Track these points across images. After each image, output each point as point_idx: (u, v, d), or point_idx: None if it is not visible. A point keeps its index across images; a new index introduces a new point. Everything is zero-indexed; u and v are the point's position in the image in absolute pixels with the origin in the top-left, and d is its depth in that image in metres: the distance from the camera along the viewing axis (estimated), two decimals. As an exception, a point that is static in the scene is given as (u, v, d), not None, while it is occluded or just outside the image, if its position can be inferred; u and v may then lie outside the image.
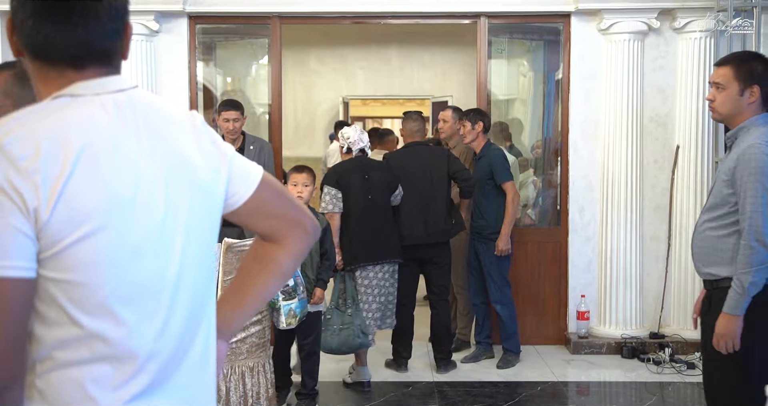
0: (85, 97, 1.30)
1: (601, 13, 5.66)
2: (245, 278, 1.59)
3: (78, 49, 1.30)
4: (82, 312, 1.25)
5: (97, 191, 1.23)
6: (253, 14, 5.88)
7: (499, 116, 6.91)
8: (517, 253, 5.84)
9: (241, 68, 7.38)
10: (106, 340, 1.26)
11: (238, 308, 1.59)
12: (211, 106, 6.55)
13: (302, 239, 1.57)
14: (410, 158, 5.31)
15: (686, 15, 5.59)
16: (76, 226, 1.22)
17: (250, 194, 1.48)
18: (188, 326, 1.39)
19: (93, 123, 1.27)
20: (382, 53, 10.68)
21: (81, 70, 1.31)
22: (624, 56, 5.65)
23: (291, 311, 4.19)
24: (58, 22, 1.28)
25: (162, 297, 1.33)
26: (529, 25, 6.31)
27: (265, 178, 1.51)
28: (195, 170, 1.38)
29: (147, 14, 5.59)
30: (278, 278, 1.60)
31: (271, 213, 1.54)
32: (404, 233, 5.16)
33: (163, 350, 1.33)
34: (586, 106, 5.85)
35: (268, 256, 1.57)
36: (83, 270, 1.24)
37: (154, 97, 1.42)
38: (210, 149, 1.44)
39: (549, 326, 6.01)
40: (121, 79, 1.36)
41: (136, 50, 5.59)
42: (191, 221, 1.37)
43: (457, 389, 5.03)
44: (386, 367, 5.43)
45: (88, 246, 1.23)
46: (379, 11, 5.89)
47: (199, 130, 1.44)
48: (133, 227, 1.27)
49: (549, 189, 6.38)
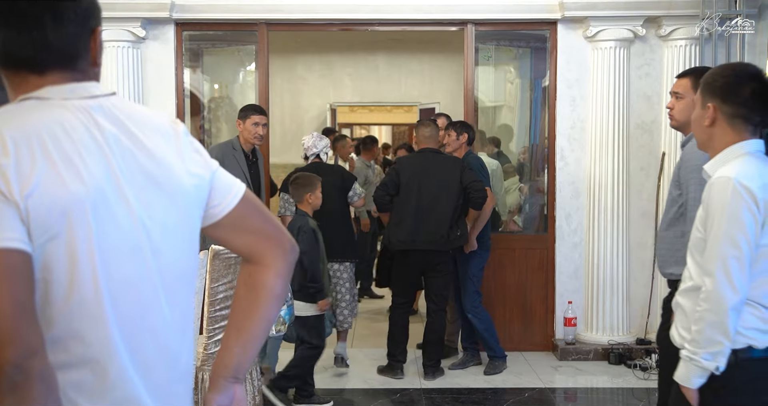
0: (53, 101, 1.31)
1: (587, 21, 5.69)
2: (243, 312, 1.55)
3: (33, 52, 1.31)
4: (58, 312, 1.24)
5: (64, 191, 1.23)
6: (240, 21, 5.88)
7: (486, 123, 6.94)
8: (503, 259, 5.85)
9: (228, 75, 7.37)
10: (84, 341, 1.26)
11: (244, 346, 1.55)
12: (198, 113, 6.54)
13: (284, 257, 1.56)
14: (418, 163, 5.32)
15: (671, 23, 5.63)
16: (46, 226, 1.21)
17: (233, 206, 1.48)
18: (172, 328, 1.39)
19: (60, 124, 1.27)
20: (370, 60, 10.70)
21: (42, 75, 1.32)
22: (610, 63, 5.68)
23: (280, 318, 4.18)
24: (12, 27, 1.29)
25: (140, 297, 1.33)
26: (516, 33, 6.34)
27: (247, 193, 1.52)
28: (173, 175, 1.39)
29: (134, 21, 5.58)
30: (274, 303, 1.56)
31: (252, 229, 1.53)
32: (400, 235, 5.21)
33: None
34: (573, 113, 5.88)
35: (258, 282, 1.54)
36: (55, 269, 1.23)
37: (134, 105, 1.43)
38: (193, 156, 1.45)
39: (536, 333, 6.02)
40: (94, 86, 1.36)
41: (122, 57, 5.58)
42: (167, 224, 1.37)
43: (445, 396, 5.03)
44: (379, 374, 5.42)
45: (58, 245, 1.22)
46: (367, 18, 5.90)
47: (182, 138, 1.45)
48: (103, 227, 1.27)
49: (536, 196, 6.40)
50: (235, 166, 4.93)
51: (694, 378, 2.21)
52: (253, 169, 5.19)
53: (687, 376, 2.23)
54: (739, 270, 2.15)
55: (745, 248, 2.15)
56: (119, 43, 5.57)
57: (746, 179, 2.16)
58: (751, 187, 2.15)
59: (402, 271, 5.40)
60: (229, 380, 1.52)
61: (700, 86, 2.39)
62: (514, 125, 7.02)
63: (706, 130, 2.35)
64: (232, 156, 5.02)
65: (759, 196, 2.15)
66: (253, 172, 5.18)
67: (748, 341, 2.20)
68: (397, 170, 5.34)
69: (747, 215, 2.15)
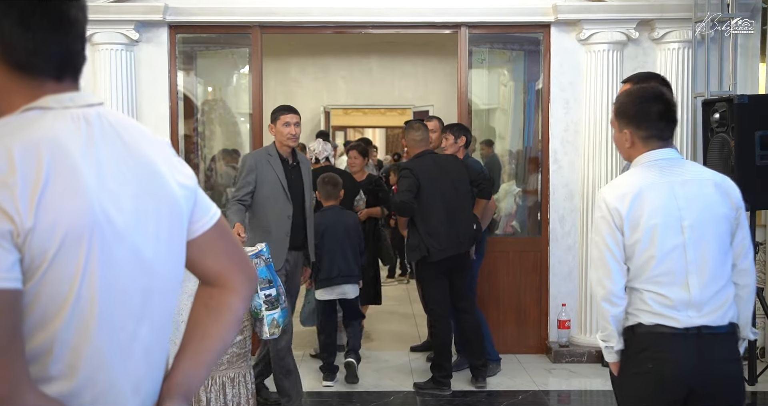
0: (56, 111, 1.29)
1: (580, 24, 5.71)
2: (201, 333, 1.50)
3: (63, 59, 1.30)
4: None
5: (70, 204, 1.22)
6: (234, 24, 5.88)
7: (480, 126, 6.95)
8: (498, 262, 5.86)
9: (222, 78, 7.36)
10: (74, 353, 1.25)
11: (198, 365, 1.49)
12: (191, 116, 6.53)
13: (249, 283, 1.55)
14: (431, 166, 5.21)
15: (665, 26, 5.65)
16: (49, 242, 1.20)
17: (211, 225, 1.48)
18: (158, 340, 1.39)
19: (65, 137, 1.26)
20: (364, 63, 10.71)
21: (60, 82, 1.31)
22: (603, 66, 5.69)
23: (274, 320, 4.17)
24: (48, 29, 1.26)
25: (131, 309, 1.33)
26: (510, 35, 6.35)
27: (222, 216, 1.52)
28: (166, 185, 1.38)
29: (127, 24, 5.57)
30: (234, 327, 1.54)
31: (224, 251, 1.52)
32: (438, 244, 5.05)
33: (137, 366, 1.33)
34: (566, 115, 5.89)
35: (223, 304, 1.51)
36: (53, 284, 1.22)
37: (121, 115, 1.42)
38: (180, 168, 1.45)
39: (530, 335, 6.03)
40: (88, 95, 1.35)
41: (116, 60, 5.58)
42: (160, 235, 1.37)
43: (439, 399, 5.02)
44: (421, 389, 5.17)
45: (59, 261, 1.21)
46: (361, 21, 5.90)
47: (168, 149, 1.45)
48: (105, 242, 1.26)
49: (529, 198, 6.41)
50: (270, 173, 4.73)
51: (606, 355, 2.73)
52: (294, 174, 4.86)
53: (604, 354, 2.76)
54: (597, 268, 2.68)
55: (602, 250, 2.64)
56: (113, 46, 5.57)
57: (610, 190, 2.68)
58: (608, 198, 2.63)
59: (438, 282, 5.18)
60: (180, 400, 1.46)
61: (615, 113, 2.76)
62: (507, 128, 7.04)
63: (627, 150, 2.74)
64: (267, 162, 4.75)
65: (612, 204, 2.61)
66: (294, 177, 4.84)
67: (636, 318, 2.63)
68: (414, 174, 5.12)
69: (602, 222, 2.63)
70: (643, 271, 2.60)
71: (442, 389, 5.13)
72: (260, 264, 4.19)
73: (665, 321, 2.57)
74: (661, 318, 2.58)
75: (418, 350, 6.10)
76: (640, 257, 2.60)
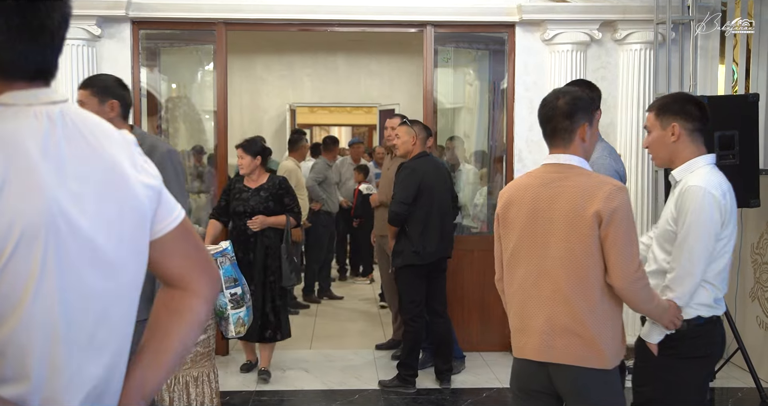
0: (18, 107, 1.27)
1: (544, 24, 5.76)
2: (160, 333, 1.48)
3: (41, 66, 1.30)
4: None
5: (27, 204, 1.20)
6: (199, 20, 5.83)
7: (445, 125, 6.98)
8: (462, 261, 5.88)
9: (186, 74, 7.29)
10: (31, 355, 1.23)
11: (158, 367, 1.47)
12: (155, 113, 6.46)
13: (212, 286, 1.54)
14: (431, 170, 5.24)
15: (627, 27, 5.72)
16: (9, 239, 1.18)
17: (174, 226, 1.46)
18: (117, 342, 1.37)
19: (25, 135, 1.24)
20: (330, 61, 10.69)
21: (31, 82, 1.30)
22: (567, 66, 5.75)
23: (240, 319, 4.17)
24: (29, 40, 1.26)
25: (91, 310, 1.31)
26: (475, 35, 6.38)
27: (186, 217, 1.50)
28: (130, 185, 1.37)
29: (89, 19, 5.49)
30: (196, 329, 1.52)
31: (186, 253, 1.50)
32: (429, 247, 5.10)
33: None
34: (531, 115, 5.93)
35: (184, 305, 1.50)
36: (9, 283, 1.20)
37: (86, 113, 1.40)
38: (145, 167, 1.43)
39: (494, 333, 6.06)
40: (52, 92, 1.33)
41: (77, 56, 5.49)
42: (123, 236, 1.35)
43: (403, 397, 5.04)
44: (386, 388, 5.18)
45: (16, 259, 1.19)
46: (326, 19, 5.89)
47: (132, 148, 1.43)
48: (63, 240, 1.24)
49: (494, 196, 6.44)
50: None
51: (655, 336, 2.84)
52: None
53: (650, 334, 2.86)
54: (699, 259, 2.73)
55: (709, 242, 2.72)
56: (74, 41, 5.48)
57: (713, 188, 2.73)
58: (716, 195, 2.72)
59: (418, 282, 5.21)
60: (140, 403, 1.45)
61: (656, 111, 2.90)
62: (473, 127, 7.07)
63: (670, 146, 2.86)
64: None
65: (722, 202, 2.73)
66: None
67: (697, 312, 2.80)
68: (417, 180, 5.12)
69: (715, 215, 2.72)
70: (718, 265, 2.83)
71: (408, 387, 5.16)
72: (225, 262, 4.17)
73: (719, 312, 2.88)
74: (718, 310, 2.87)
75: (384, 348, 6.12)
76: (720, 251, 2.82)
